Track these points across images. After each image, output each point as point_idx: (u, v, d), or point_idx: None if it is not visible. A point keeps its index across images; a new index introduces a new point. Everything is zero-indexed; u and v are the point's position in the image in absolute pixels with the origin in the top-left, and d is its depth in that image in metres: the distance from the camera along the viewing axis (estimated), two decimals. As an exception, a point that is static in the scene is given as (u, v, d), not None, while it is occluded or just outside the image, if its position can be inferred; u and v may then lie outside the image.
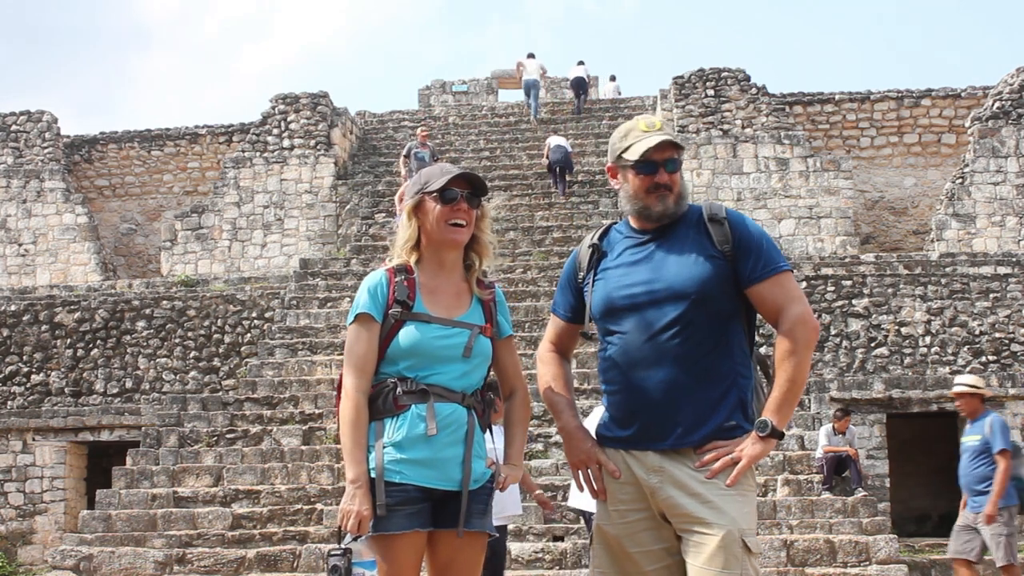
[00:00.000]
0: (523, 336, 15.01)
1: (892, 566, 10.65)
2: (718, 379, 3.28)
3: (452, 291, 3.60)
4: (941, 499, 16.74)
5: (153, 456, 13.09)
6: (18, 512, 16.23)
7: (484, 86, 27.56)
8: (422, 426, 3.43)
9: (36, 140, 21.82)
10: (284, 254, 20.14)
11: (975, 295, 16.48)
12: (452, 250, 3.59)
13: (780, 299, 3.28)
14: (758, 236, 3.35)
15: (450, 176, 3.55)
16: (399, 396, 3.45)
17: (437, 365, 3.48)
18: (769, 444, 3.23)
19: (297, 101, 21.25)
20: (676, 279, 3.30)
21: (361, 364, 3.46)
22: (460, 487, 3.46)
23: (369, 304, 3.50)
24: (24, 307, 17.91)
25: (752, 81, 20.57)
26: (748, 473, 3.26)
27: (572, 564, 10.71)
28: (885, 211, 21.84)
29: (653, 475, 3.30)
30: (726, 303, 3.31)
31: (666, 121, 3.44)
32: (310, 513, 11.73)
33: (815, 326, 3.27)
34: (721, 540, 3.16)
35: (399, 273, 3.55)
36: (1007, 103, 19.40)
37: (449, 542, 3.50)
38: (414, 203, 3.57)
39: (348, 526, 3.37)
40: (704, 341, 3.28)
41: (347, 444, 3.42)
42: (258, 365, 15.09)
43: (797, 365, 3.22)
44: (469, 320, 3.57)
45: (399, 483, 3.41)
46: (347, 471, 3.42)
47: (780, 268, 3.31)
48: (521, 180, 19.88)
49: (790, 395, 3.23)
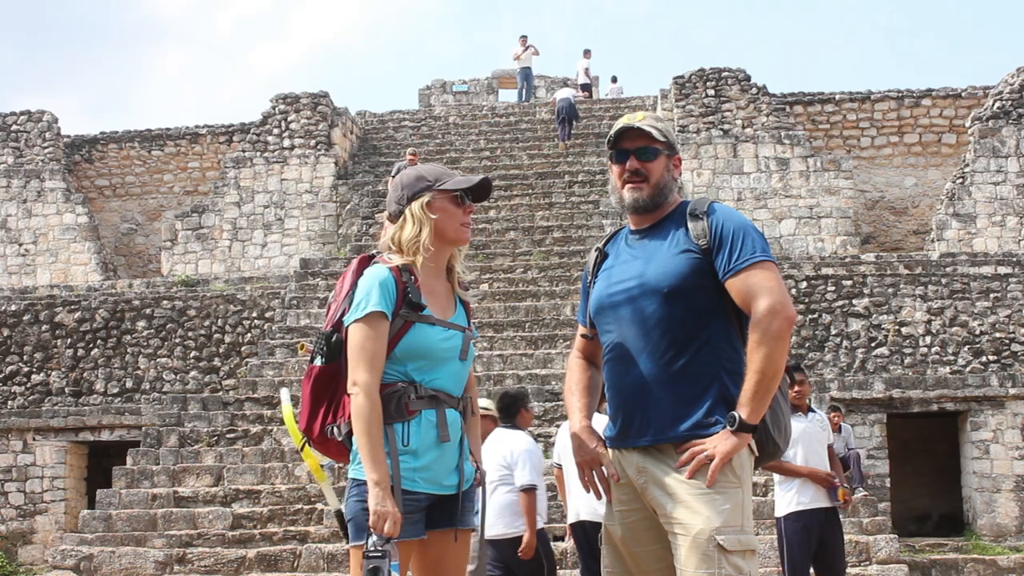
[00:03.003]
0: (523, 336, 15.02)
1: (892, 566, 10.65)
2: (697, 375, 3.26)
3: (444, 292, 3.61)
4: (941, 499, 16.74)
5: (153, 456, 13.09)
6: (18, 512, 16.24)
7: (484, 86, 27.56)
8: (434, 433, 3.43)
9: (36, 140, 21.83)
10: (284, 254, 20.14)
11: (975, 295, 16.48)
12: (452, 250, 3.61)
13: (751, 291, 3.21)
14: (736, 229, 3.30)
15: (474, 182, 3.55)
16: (410, 402, 3.42)
17: (441, 368, 3.48)
18: (742, 438, 3.19)
19: (297, 101, 21.25)
20: (651, 275, 3.32)
21: (373, 361, 3.38)
22: (453, 490, 3.49)
23: (381, 302, 3.41)
24: (24, 307, 17.92)
25: (752, 81, 20.57)
26: (728, 469, 3.21)
27: (572, 564, 10.70)
28: (885, 211, 21.84)
29: (639, 475, 3.32)
30: (705, 298, 3.28)
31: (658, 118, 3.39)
32: (310, 513, 11.73)
33: (787, 316, 3.18)
34: (692, 540, 3.15)
35: (404, 272, 3.49)
36: (1007, 103, 19.40)
37: (439, 542, 3.52)
38: (426, 200, 3.51)
39: (385, 528, 3.26)
40: (681, 336, 3.27)
41: (367, 444, 3.32)
42: (258, 365, 15.10)
43: (766, 357, 3.16)
44: (458, 322, 3.58)
45: (414, 492, 3.40)
46: (370, 471, 3.31)
47: (753, 260, 3.24)
48: (521, 180, 19.88)
49: (760, 388, 3.17)
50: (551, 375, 14.16)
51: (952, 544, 14.21)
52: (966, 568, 12.50)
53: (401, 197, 3.56)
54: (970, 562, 12.59)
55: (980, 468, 15.03)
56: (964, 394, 15.13)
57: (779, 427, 3.37)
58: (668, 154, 3.45)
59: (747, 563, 3.19)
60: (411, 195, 3.54)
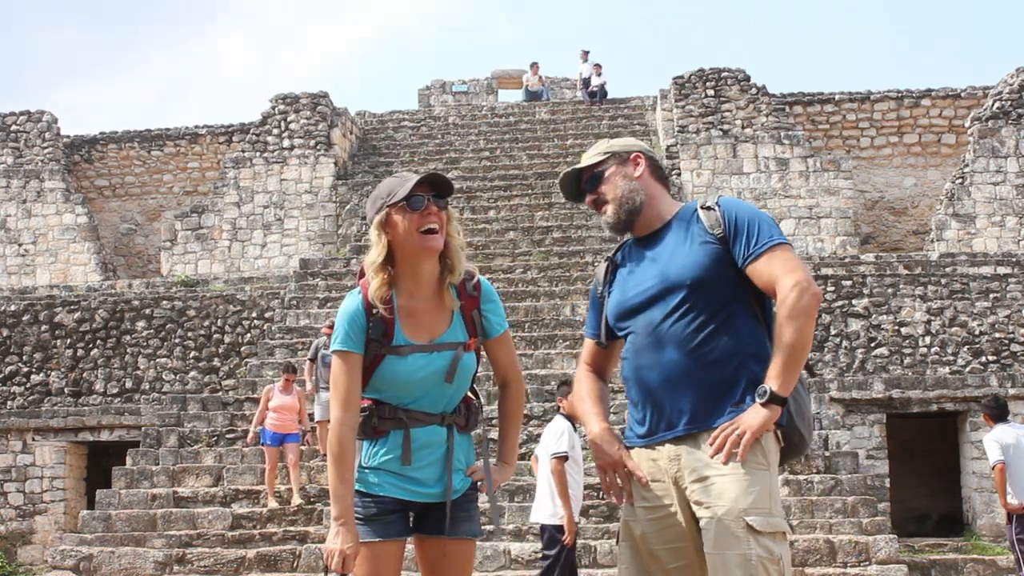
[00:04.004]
0: (523, 336, 15.02)
1: (892, 566, 10.66)
2: (723, 362, 3.28)
3: (431, 309, 3.49)
4: (941, 499, 16.74)
5: (153, 456, 13.10)
6: (18, 512, 16.23)
7: (484, 86, 27.55)
8: (398, 452, 3.44)
9: (36, 140, 21.82)
10: (284, 254, 20.14)
11: (975, 295, 16.48)
12: (428, 260, 3.45)
13: (775, 272, 3.24)
14: (750, 216, 3.35)
15: (412, 182, 3.41)
16: (376, 424, 3.46)
17: (417, 393, 3.46)
18: (773, 410, 3.19)
19: (297, 101, 21.26)
20: (673, 271, 3.35)
21: (346, 397, 3.41)
22: (440, 498, 3.49)
23: (347, 339, 3.42)
24: (24, 307, 17.91)
25: (752, 81, 20.58)
26: (758, 451, 3.21)
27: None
28: (885, 211, 21.84)
29: (672, 463, 3.33)
30: (726, 286, 3.31)
31: (600, 143, 3.49)
32: (310, 513, 11.73)
33: (815, 292, 3.20)
34: (720, 522, 3.16)
35: (375, 304, 3.43)
36: (1007, 103, 19.41)
37: (435, 548, 3.53)
38: (381, 218, 3.42)
39: (334, 565, 3.34)
40: (705, 325, 3.29)
41: (333, 481, 3.40)
42: (258, 365, 15.10)
43: (796, 330, 3.16)
44: (451, 339, 3.48)
45: (376, 495, 3.44)
46: (332, 507, 3.41)
47: (771, 244, 3.28)
48: (521, 180, 19.88)
49: (790, 360, 3.17)
50: (551, 375, 14.17)
51: (952, 544, 14.20)
52: (966, 568, 12.49)
53: (368, 220, 3.52)
54: (970, 562, 12.58)
55: (980, 468, 15.01)
56: (964, 394, 15.12)
57: (803, 418, 3.35)
58: (617, 163, 3.51)
59: (778, 545, 3.18)
60: (372, 217, 3.47)
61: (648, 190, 3.50)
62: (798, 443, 3.39)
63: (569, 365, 14.51)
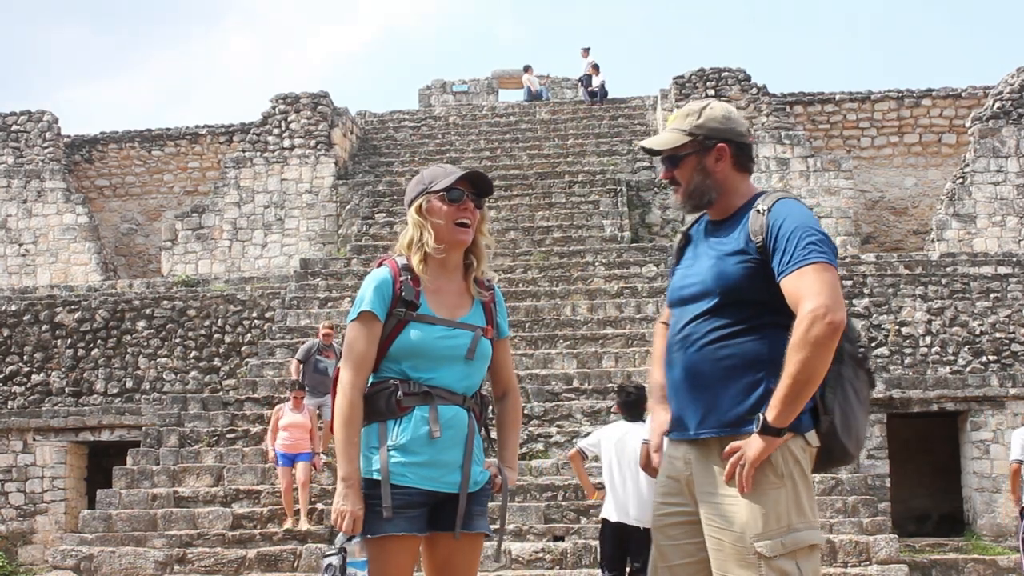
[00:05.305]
0: (523, 336, 15.01)
1: (892, 566, 10.65)
2: (741, 370, 3.23)
3: (455, 292, 3.61)
4: (942, 499, 16.73)
5: (153, 456, 13.10)
6: (18, 512, 16.23)
7: (484, 86, 27.56)
8: (425, 428, 3.44)
9: (36, 140, 21.83)
10: (284, 254, 20.14)
11: (975, 295, 16.48)
12: (456, 251, 3.59)
13: (800, 293, 3.12)
14: (793, 228, 3.21)
15: (456, 176, 3.57)
16: (401, 399, 3.45)
17: (439, 366, 3.50)
18: (768, 441, 3.12)
19: (297, 101, 21.26)
20: (707, 274, 3.33)
21: (360, 361, 3.46)
22: (458, 489, 3.48)
23: (374, 302, 3.48)
24: (24, 307, 17.92)
25: (752, 81, 20.58)
26: (768, 469, 3.16)
27: (572, 564, 10.72)
28: (885, 211, 21.85)
29: (686, 467, 3.35)
30: (758, 295, 3.25)
31: (690, 112, 3.32)
32: (310, 513, 11.73)
33: (830, 321, 3.05)
34: (731, 547, 3.16)
35: (404, 272, 3.54)
36: (1007, 103, 19.41)
37: (447, 543, 3.52)
38: (420, 203, 3.57)
39: (343, 526, 3.37)
40: (731, 333, 3.26)
41: (340, 441, 3.43)
42: (258, 365, 15.11)
43: (800, 361, 3.05)
44: (471, 321, 3.58)
45: (404, 486, 3.42)
46: (339, 467, 3.43)
47: (806, 262, 3.14)
48: (521, 180, 19.88)
49: (790, 392, 3.08)
50: (551, 375, 14.16)
51: (952, 544, 14.21)
52: (966, 568, 12.50)
53: (407, 201, 3.65)
54: (970, 562, 12.59)
55: (980, 468, 15.03)
56: (964, 394, 15.13)
57: (849, 431, 3.25)
58: (698, 153, 3.38)
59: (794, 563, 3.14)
60: (411, 199, 3.62)
61: (725, 183, 3.39)
62: (840, 455, 3.30)
63: (569, 365, 14.51)
